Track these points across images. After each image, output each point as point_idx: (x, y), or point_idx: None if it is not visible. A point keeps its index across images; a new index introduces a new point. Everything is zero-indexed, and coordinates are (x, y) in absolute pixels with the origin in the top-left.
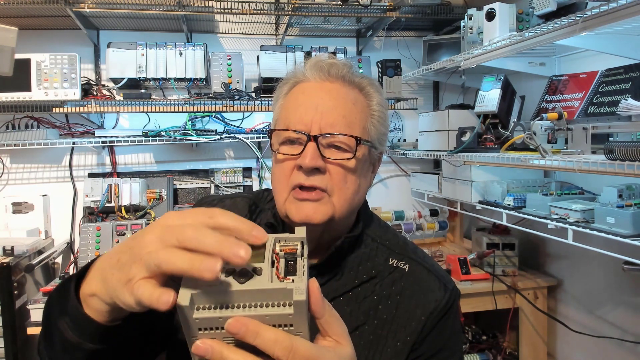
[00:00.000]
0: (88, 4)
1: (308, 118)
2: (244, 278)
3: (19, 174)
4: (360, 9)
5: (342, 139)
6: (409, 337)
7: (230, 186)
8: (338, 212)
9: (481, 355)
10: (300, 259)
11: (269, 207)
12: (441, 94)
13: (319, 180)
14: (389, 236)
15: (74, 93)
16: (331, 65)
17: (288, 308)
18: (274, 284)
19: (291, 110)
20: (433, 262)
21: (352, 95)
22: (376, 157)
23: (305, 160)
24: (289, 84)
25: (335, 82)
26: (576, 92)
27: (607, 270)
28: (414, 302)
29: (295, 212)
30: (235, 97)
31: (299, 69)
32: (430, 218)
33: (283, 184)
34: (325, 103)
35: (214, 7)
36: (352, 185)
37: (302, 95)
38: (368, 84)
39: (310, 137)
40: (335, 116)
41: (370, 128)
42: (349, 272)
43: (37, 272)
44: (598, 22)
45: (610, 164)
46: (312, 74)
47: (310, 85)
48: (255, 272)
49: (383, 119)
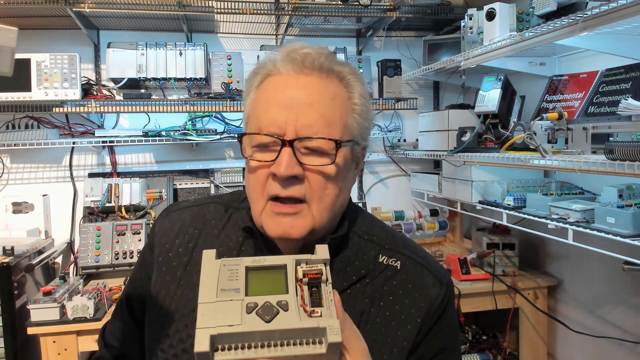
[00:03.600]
0: (88, 4)
1: (282, 119)
2: (269, 316)
3: (19, 174)
4: (360, 9)
5: (320, 143)
6: (405, 342)
7: (230, 186)
8: (318, 223)
9: (481, 355)
10: (325, 284)
11: (244, 207)
12: (441, 94)
13: (296, 190)
14: (377, 230)
15: (74, 93)
16: (306, 55)
17: (319, 347)
18: (303, 322)
19: (262, 109)
20: (425, 254)
21: (331, 88)
22: (360, 153)
23: (280, 169)
24: (260, 75)
25: (311, 75)
26: (576, 92)
27: (607, 270)
28: (408, 302)
29: (272, 226)
30: (235, 97)
31: (270, 59)
32: (430, 218)
33: (258, 193)
34: (300, 100)
35: (214, 7)
36: (333, 192)
37: (274, 91)
38: (349, 73)
39: (285, 142)
40: (312, 116)
41: (351, 124)
42: (336, 274)
43: (37, 272)
44: (598, 22)
45: (611, 164)
46: (284, 66)
47: (283, 79)
48: (280, 307)
49: (366, 112)
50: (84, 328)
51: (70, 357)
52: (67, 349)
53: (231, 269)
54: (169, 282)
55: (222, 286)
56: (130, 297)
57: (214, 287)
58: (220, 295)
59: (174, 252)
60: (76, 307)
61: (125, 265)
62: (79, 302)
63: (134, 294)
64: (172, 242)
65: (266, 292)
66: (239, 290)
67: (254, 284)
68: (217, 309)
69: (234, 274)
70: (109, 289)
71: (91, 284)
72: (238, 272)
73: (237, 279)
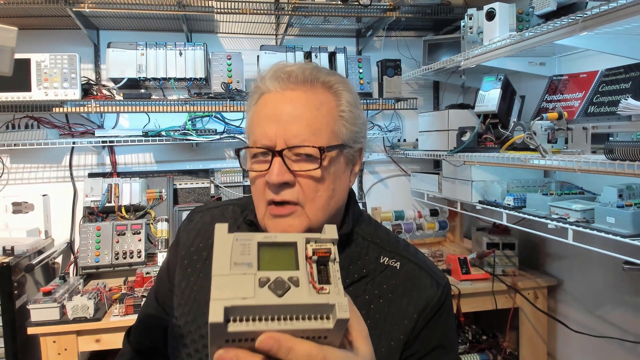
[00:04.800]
0: (88, 4)
1: (272, 132)
2: (281, 290)
3: (19, 174)
4: (360, 9)
5: (307, 150)
6: (402, 335)
7: (230, 186)
8: (314, 222)
9: (481, 355)
10: (333, 263)
11: (253, 208)
12: (441, 93)
13: (289, 195)
14: (380, 234)
15: (74, 93)
16: (290, 72)
17: (327, 322)
18: (313, 297)
19: (255, 124)
20: (425, 259)
21: (317, 98)
22: (355, 155)
23: (272, 177)
24: (257, 93)
25: (296, 89)
26: (576, 92)
27: (607, 270)
28: (406, 300)
29: (272, 228)
30: (235, 97)
31: (261, 77)
32: (430, 218)
33: (260, 200)
34: (287, 113)
35: (214, 7)
36: (325, 193)
37: (265, 108)
38: (336, 82)
39: (275, 153)
40: (298, 126)
41: (339, 129)
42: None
43: (37, 272)
44: (598, 22)
45: (610, 164)
46: (272, 84)
47: (272, 97)
48: (292, 283)
49: (354, 118)
50: (84, 328)
51: (70, 357)
52: (67, 349)
53: (244, 244)
54: (190, 273)
55: (235, 260)
56: (159, 290)
57: (227, 260)
58: (234, 269)
59: (195, 248)
60: (76, 307)
61: (125, 265)
62: (79, 302)
63: (162, 287)
64: (194, 239)
65: (277, 267)
66: (251, 265)
67: (266, 259)
68: (231, 282)
69: (246, 249)
70: (109, 289)
71: (91, 284)
72: (250, 247)
73: (250, 254)
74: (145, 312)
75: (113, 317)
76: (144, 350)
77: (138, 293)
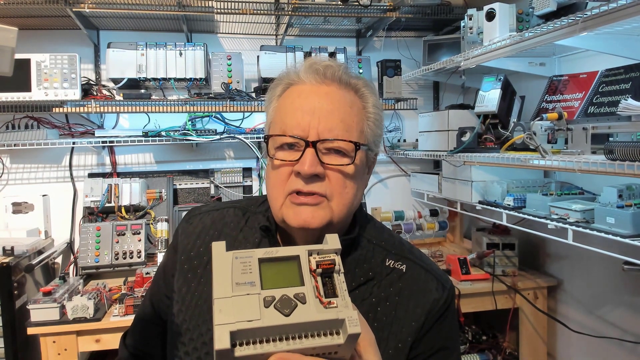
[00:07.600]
0: (88, 4)
1: (305, 123)
2: (287, 309)
3: (19, 174)
4: (360, 9)
5: (340, 144)
6: (409, 337)
7: (230, 186)
8: (337, 217)
9: (481, 355)
10: (338, 274)
11: (261, 211)
12: (441, 94)
13: (317, 187)
14: (385, 237)
15: (74, 93)
16: (327, 67)
17: (337, 338)
18: (322, 314)
19: (287, 114)
20: (430, 262)
21: (349, 98)
22: (372, 159)
23: (304, 167)
24: (282, 85)
25: (331, 85)
26: (576, 92)
27: (607, 270)
28: (412, 302)
29: (292, 216)
30: (235, 97)
31: (293, 70)
32: (430, 218)
33: (279, 189)
34: (322, 107)
35: (214, 7)
36: (351, 190)
37: (299, 98)
38: (363, 85)
39: (309, 143)
40: (333, 120)
41: (366, 131)
42: (346, 274)
43: (37, 272)
44: (598, 22)
45: (610, 164)
46: (307, 76)
47: (306, 88)
48: (298, 300)
49: (379, 121)
50: (84, 328)
51: (70, 357)
52: (67, 349)
53: (244, 262)
54: (191, 279)
55: (236, 280)
56: (154, 295)
57: (228, 281)
58: (236, 290)
59: (195, 252)
60: (76, 307)
61: (125, 265)
62: (78, 302)
63: (157, 292)
64: (194, 242)
65: (281, 284)
66: (254, 284)
67: (268, 276)
68: (235, 304)
69: (247, 267)
70: (108, 289)
71: (91, 284)
72: (251, 264)
73: (252, 272)
74: (141, 316)
75: (113, 317)
76: (139, 355)
77: (138, 293)
